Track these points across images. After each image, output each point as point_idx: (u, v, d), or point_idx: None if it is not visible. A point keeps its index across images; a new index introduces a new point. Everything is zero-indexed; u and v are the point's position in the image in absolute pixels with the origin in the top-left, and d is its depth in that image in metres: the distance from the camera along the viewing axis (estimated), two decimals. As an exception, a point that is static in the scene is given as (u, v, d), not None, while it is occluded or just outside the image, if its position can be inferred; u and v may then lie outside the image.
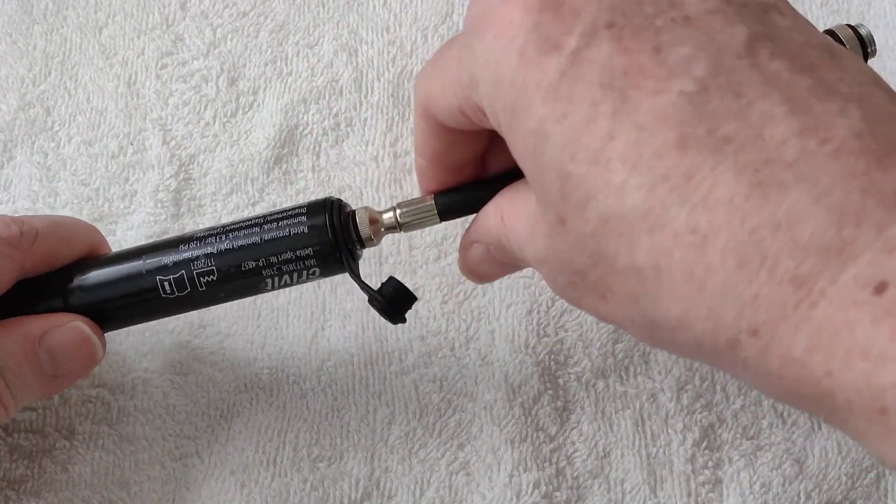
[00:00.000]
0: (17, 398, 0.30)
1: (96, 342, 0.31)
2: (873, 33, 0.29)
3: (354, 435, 0.36)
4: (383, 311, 0.30)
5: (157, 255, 0.31)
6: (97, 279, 0.31)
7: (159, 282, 0.30)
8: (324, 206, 0.30)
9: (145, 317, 0.32)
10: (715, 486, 0.34)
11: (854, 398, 0.19)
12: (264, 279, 0.30)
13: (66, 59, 0.43)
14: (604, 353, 0.36)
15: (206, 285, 0.30)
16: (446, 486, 0.35)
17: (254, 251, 0.30)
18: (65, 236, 0.32)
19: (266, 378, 0.37)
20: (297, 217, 0.30)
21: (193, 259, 0.30)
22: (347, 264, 0.30)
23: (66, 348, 0.31)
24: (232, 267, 0.30)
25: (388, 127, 0.41)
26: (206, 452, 0.35)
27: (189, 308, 0.32)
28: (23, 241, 0.30)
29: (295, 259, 0.30)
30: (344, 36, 0.42)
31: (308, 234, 0.30)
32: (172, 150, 0.41)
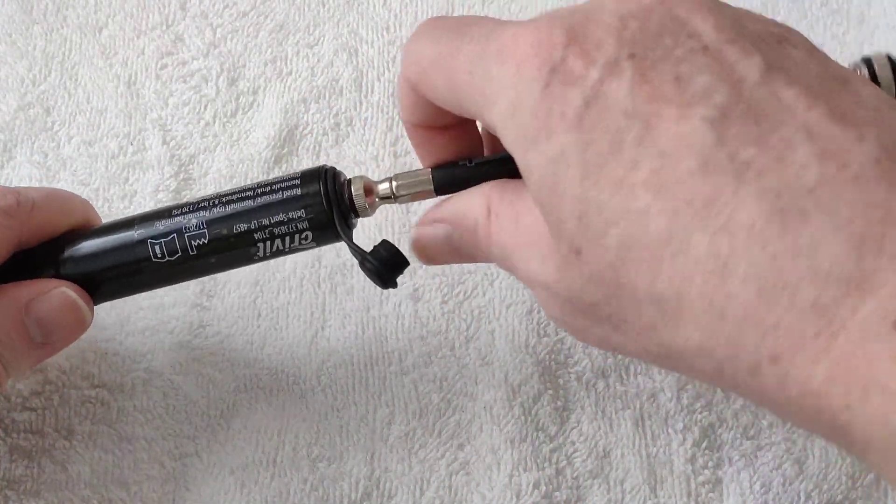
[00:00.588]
0: (8, 368, 0.30)
1: (84, 307, 0.31)
2: (873, 33, 0.29)
3: (354, 435, 0.36)
4: (375, 273, 0.30)
5: (148, 221, 0.31)
6: (88, 248, 0.31)
7: (150, 245, 0.30)
8: (318, 173, 0.30)
9: (137, 286, 0.32)
10: (715, 486, 0.34)
11: (872, 434, 0.19)
12: (255, 243, 0.30)
13: (66, 59, 0.43)
14: (604, 353, 0.36)
15: (196, 248, 0.30)
16: (446, 486, 0.35)
17: (246, 215, 0.30)
18: (61, 208, 0.32)
19: (266, 378, 0.37)
20: (291, 182, 0.30)
21: (185, 224, 0.30)
22: (340, 228, 0.30)
23: (53, 314, 0.30)
24: (224, 229, 0.30)
25: (389, 127, 0.41)
26: (206, 452, 0.35)
27: (181, 277, 0.32)
28: (20, 211, 0.30)
29: (287, 221, 0.29)
30: (344, 36, 0.42)
31: (301, 198, 0.29)
32: (172, 150, 0.41)
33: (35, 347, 0.31)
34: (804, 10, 0.42)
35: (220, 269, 0.31)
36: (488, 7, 0.43)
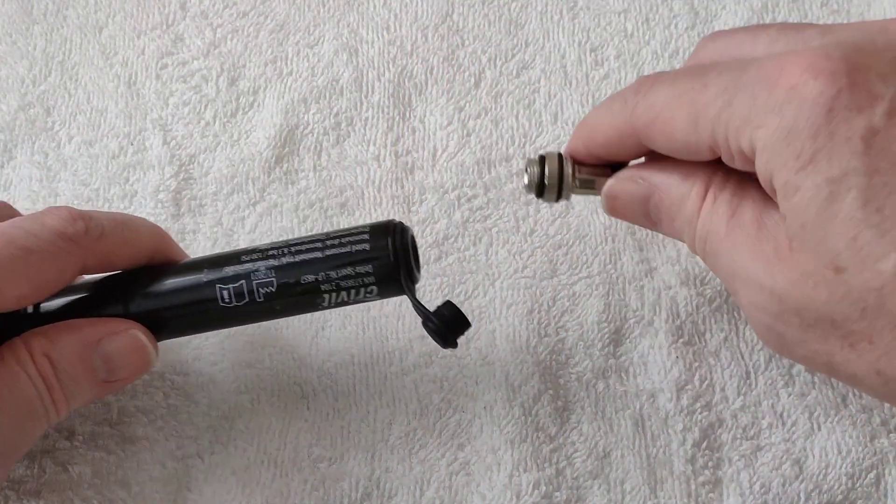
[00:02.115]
0: (70, 401, 0.30)
1: (151, 351, 0.32)
2: None
3: (355, 435, 0.36)
4: (437, 333, 0.30)
5: (217, 265, 0.31)
6: (158, 288, 0.32)
7: (219, 290, 0.31)
8: (386, 227, 0.30)
9: (201, 326, 0.33)
10: (715, 487, 0.34)
11: None
12: (322, 294, 0.30)
13: (66, 59, 0.43)
14: (605, 354, 0.36)
15: (264, 296, 0.31)
16: (446, 487, 0.35)
17: (314, 266, 0.30)
18: (129, 237, 0.32)
19: (267, 378, 0.37)
20: (360, 236, 0.30)
21: (254, 270, 0.31)
22: (406, 285, 0.30)
23: (121, 355, 0.31)
24: (291, 279, 0.30)
25: (389, 126, 0.41)
26: (207, 453, 0.35)
27: (243, 320, 0.32)
28: (87, 239, 0.30)
29: (354, 276, 0.30)
30: (344, 36, 0.42)
31: (369, 252, 0.30)
32: (173, 150, 0.41)
33: (98, 384, 0.31)
34: (804, 11, 0.42)
35: (283, 315, 0.32)
36: (488, 7, 0.43)
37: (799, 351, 0.26)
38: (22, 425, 0.29)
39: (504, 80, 0.42)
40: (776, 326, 0.26)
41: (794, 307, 0.25)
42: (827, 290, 0.24)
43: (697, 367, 0.36)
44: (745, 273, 0.26)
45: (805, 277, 0.25)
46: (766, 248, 0.26)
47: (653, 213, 0.30)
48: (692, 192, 0.28)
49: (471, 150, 0.40)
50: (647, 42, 0.42)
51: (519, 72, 0.42)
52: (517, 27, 0.42)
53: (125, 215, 0.33)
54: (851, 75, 0.24)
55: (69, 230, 0.30)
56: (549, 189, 0.32)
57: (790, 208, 0.25)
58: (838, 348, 0.25)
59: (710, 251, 0.28)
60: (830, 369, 0.26)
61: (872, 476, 0.34)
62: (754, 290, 0.26)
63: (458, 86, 0.41)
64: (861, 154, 0.24)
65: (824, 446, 0.35)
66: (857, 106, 0.24)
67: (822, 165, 0.24)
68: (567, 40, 0.42)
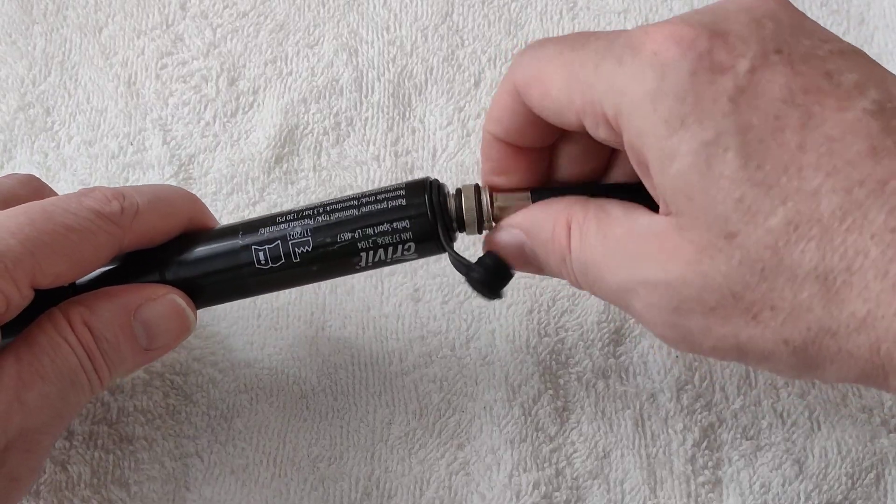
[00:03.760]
0: (111, 368, 0.30)
1: (190, 315, 0.31)
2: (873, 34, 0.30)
3: (354, 435, 0.36)
4: (483, 282, 0.29)
5: (252, 228, 0.31)
6: (193, 255, 0.31)
7: (254, 251, 0.30)
8: (423, 184, 0.30)
9: (238, 292, 0.32)
10: (715, 487, 0.34)
11: None
12: (359, 252, 0.30)
13: (66, 59, 0.43)
14: (605, 354, 0.36)
15: (300, 256, 0.30)
16: (446, 486, 0.35)
17: (351, 223, 0.30)
18: (164, 211, 0.31)
19: (266, 378, 0.37)
20: (396, 192, 0.30)
21: (289, 231, 0.30)
22: (444, 239, 0.30)
23: (161, 321, 0.31)
24: (328, 237, 0.30)
25: (389, 126, 0.41)
26: (206, 452, 0.35)
27: (282, 285, 0.32)
28: (123, 218, 0.30)
29: (391, 231, 0.30)
30: (344, 36, 0.42)
31: (405, 208, 0.30)
32: (172, 150, 0.41)
33: (139, 351, 0.31)
34: (804, 10, 0.42)
35: (321, 278, 0.31)
36: (488, 7, 0.43)
37: (706, 342, 0.25)
38: (66, 395, 0.29)
39: (504, 81, 0.42)
40: (678, 321, 0.25)
41: (694, 293, 0.24)
42: (724, 260, 0.23)
43: (697, 367, 0.36)
44: (635, 280, 0.26)
45: (699, 255, 0.24)
46: (649, 248, 0.25)
47: (532, 259, 0.29)
48: (555, 230, 0.28)
49: (471, 150, 0.40)
50: (647, 42, 0.42)
51: (519, 72, 0.42)
52: (517, 27, 0.42)
53: (157, 187, 0.32)
54: (712, 39, 0.24)
55: (106, 209, 0.30)
56: (468, 224, 0.30)
57: (670, 181, 0.24)
58: (743, 325, 0.24)
59: (593, 280, 0.27)
60: (741, 353, 0.25)
61: (872, 476, 0.34)
62: (648, 293, 0.25)
63: (457, 86, 0.41)
64: (731, 113, 0.23)
65: (824, 446, 0.35)
66: (720, 67, 0.24)
67: (695, 129, 0.24)
68: (567, 40, 0.42)
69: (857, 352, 0.23)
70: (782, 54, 0.24)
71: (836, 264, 0.22)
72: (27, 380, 0.28)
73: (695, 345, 0.25)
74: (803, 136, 0.23)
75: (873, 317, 0.22)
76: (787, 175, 0.23)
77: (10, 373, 0.28)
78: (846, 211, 0.22)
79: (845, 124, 0.23)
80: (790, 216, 0.23)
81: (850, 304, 0.22)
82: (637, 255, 0.26)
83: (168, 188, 0.33)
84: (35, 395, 0.28)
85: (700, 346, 0.25)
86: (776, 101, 0.23)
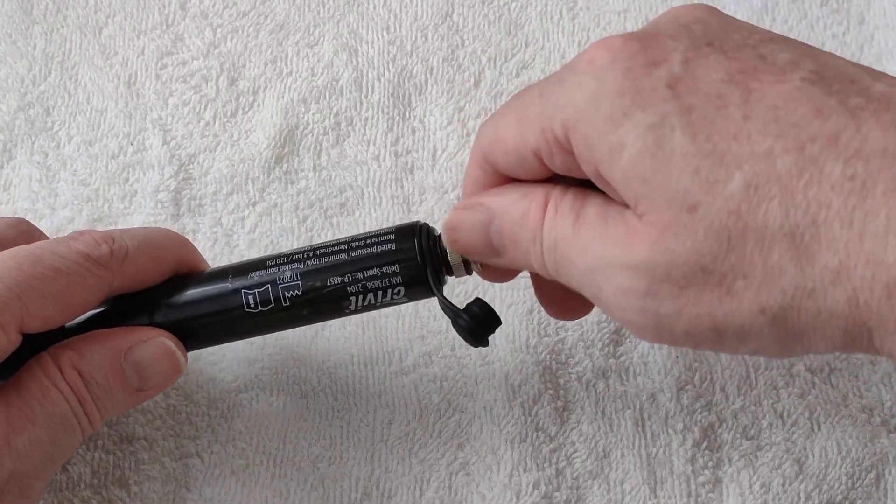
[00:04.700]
0: (102, 411, 0.30)
1: (180, 357, 0.31)
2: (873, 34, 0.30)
3: (354, 435, 0.36)
4: (468, 330, 0.30)
5: (243, 272, 0.31)
6: (183, 298, 0.32)
7: (244, 295, 0.31)
8: (412, 229, 0.30)
9: (228, 335, 0.32)
10: (715, 487, 0.34)
11: None
12: (349, 296, 0.30)
13: (66, 59, 0.43)
14: (605, 353, 0.36)
15: (290, 300, 0.30)
16: (446, 486, 0.35)
17: (340, 268, 0.30)
18: (154, 254, 0.32)
19: (266, 378, 0.37)
20: (386, 237, 0.30)
21: (279, 274, 0.31)
22: (434, 284, 0.30)
23: (152, 363, 0.31)
24: (317, 281, 0.30)
25: (389, 126, 0.41)
26: (207, 452, 0.35)
27: (271, 328, 0.32)
28: (113, 262, 0.30)
29: (381, 276, 0.30)
30: (344, 36, 0.42)
31: (395, 252, 0.30)
32: (172, 150, 0.41)
33: (130, 392, 0.31)
34: (804, 10, 0.42)
35: (311, 321, 0.32)
36: (488, 7, 0.43)
37: (679, 326, 0.25)
38: (56, 439, 0.29)
39: (504, 80, 0.42)
40: (649, 305, 0.25)
41: (662, 272, 0.24)
42: (689, 234, 0.23)
43: (697, 367, 0.36)
44: (602, 263, 0.25)
45: (664, 234, 0.24)
46: (617, 231, 0.25)
47: (495, 240, 0.29)
48: (531, 207, 0.28)
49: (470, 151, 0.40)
50: (647, 42, 0.42)
51: (519, 72, 0.42)
52: (517, 27, 0.42)
53: (147, 230, 0.33)
54: (643, 41, 0.25)
55: (95, 253, 0.30)
56: (455, 267, 0.30)
57: (622, 171, 0.24)
58: (717, 301, 0.24)
59: (560, 258, 0.27)
60: (718, 335, 0.24)
61: (872, 476, 0.34)
62: (616, 275, 0.25)
63: (458, 86, 0.41)
64: (671, 98, 0.24)
65: (824, 446, 0.35)
66: (654, 62, 0.24)
67: (638, 117, 0.24)
68: (567, 40, 0.42)
69: (837, 308, 0.22)
70: (713, 46, 0.25)
71: (801, 220, 0.22)
72: (16, 425, 0.28)
73: (667, 330, 0.25)
74: (747, 108, 0.23)
75: (846, 267, 0.22)
76: (738, 142, 0.23)
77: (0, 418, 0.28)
78: (802, 167, 0.22)
79: (786, 94, 0.23)
80: (748, 179, 0.23)
81: (821, 258, 0.22)
82: (606, 237, 0.25)
83: (158, 231, 0.33)
84: (24, 440, 0.28)
85: (673, 331, 0.25)
86: (715, 82, 0.24)
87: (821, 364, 0.36)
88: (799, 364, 0.36)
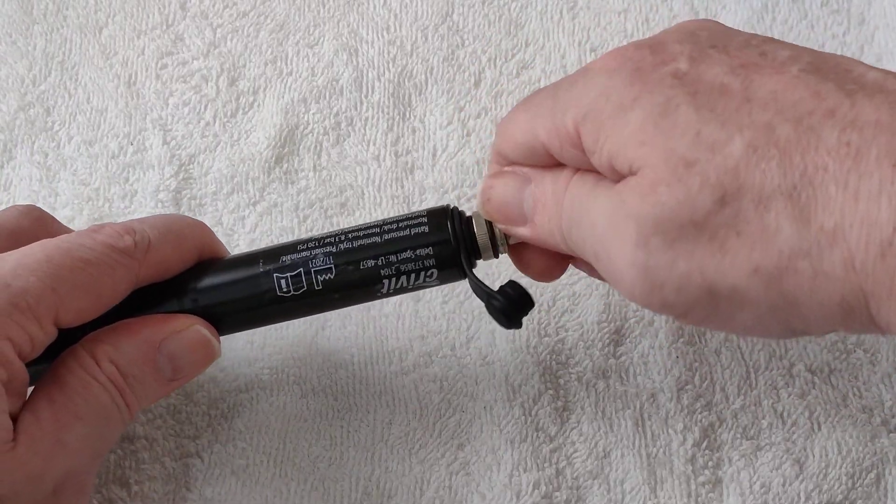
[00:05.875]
0: (139, 401, 0.30)
1: (215, 344, 0.31)
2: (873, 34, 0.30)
3: (354, 435, 0.36)
4: (502, 311, 0.30)
5: (273, 255, 0.31)
6: (213, 282, 0.31)
7: (276, 279, 0.30)
8: (445, 211, 0.31)
9: (259, 319, 0.32)
10: (715, 487, 0.34)
11: None
12: (381, 279, 0.30)
13: (66, 59, 0.43)
14: (605, 354, 0.36)
15: (322, 284, 0.30)
16: (446, 486, 0.35)
17: (373, 250, 0.30)
18: (176, 242, 0.31)
19: (266, 378, 0.37)
20: (418, 219, 0.30)
21: (311, 258, 0.30)
22: (467, 265, 0.30)
23: (186, 353, 0.31)
24: (350, 264, 0.30)
25: (389, 126, 0.41)
26: (207, 452, 0.35)
27: (303, 312, 0.32)
28: (137, 252, 0.30)
29: (414, 258, 0.30)
30: (344, 35, 0.42)
31: (428, 234, 0.30)
32: (172, 149, 0.41)
33: (163, 382, 0.31)
34: (804, 10, 0.42)
35: (342, 305, 0.32)
36: (488, 7, 0.43)
37: (670, 282, 0.25)
38: (102, 432, 0.29)
39: (504, 80, 0.42)
40: (639, 258, 0.25)
41: (651, 224, 0.25)
42: (682, 186, 0.24)
43: (698, 367, 0.36)
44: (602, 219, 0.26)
45: (655, 186, 0.24)
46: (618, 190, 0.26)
47: (527, 204, 0.30)
48: (562, 174, 0.29)
49: (471, 150, 0.40)
50: (647, 42, 0.42)
51: (519, 72, 0.42)
52: (517, 27, 0.42)
53: (166, 218, 0.32)
54: (652, 46, 0.27)
55: (119, 244, 0.30)
56: (483, 250, 0.31)
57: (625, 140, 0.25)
58: (709, 256, 0.24)
59: (575, 216, 0.28)
60: (711, 294, 0.25)
61: (872, 476, 0.34)
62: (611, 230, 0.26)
63: (458, 86, 0.41)
64: (677, 85, 0.25)
65: (824, 446, 0.35)
66: (662, 62, 0.26)
67: (646, 99, 0.25)
68: (567, 40, 0.42)
69: (833, 271, 0.23)
70: (717, 48, 0.26)
71: (798, 181, 0.23)
72: (64, 422, 0.28)
73: (657, 286, 0.25)
74: (748, 93, 0.25)
75: (842, 228, 0.23)
76: (739, 113, 0.24)
77: (46, 416, 0.28)
78: (800, 134, 0.23)
79: (785, 82, 0.25)
80: (748, 140, 0.24)
81: (817, 218, 0.23)
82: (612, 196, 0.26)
83: (176, 217, 0.33)
84: (74, 436, 0.28)
85: (663, 287, 0.25)
86: (718, 74, 0.25)
87: (821, 364, 0.36)
88: (799, 364, 0.36)
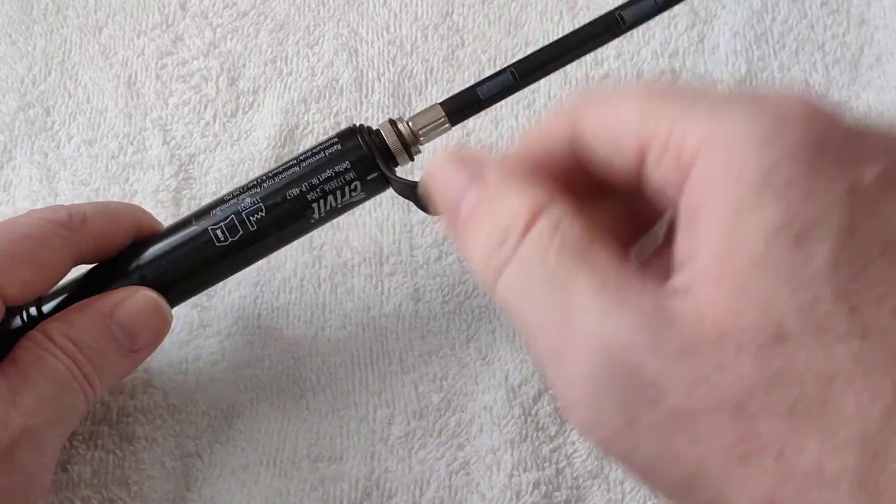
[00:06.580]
0: (101, 376, 0.31)
1: (166, 307, 0.32)
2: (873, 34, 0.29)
3: (354, 435, 0.36)
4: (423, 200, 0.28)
5: (204, 213, 0.32)
6: (154, 254, 0.32)
7: (211, 232, 0.32)
8: (352, 129, 0.32)
9: (205, 277, 0.33)
10: (715, 486, 0.34)
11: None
12: (310, 203, 0.31)
13: (66, 59, 0.43)
14: (604, 353, 0.36)
15: (256, 223, 0.31)
16: (446, 486, 0.35)
17: (296, 181, 0.31)
18: (112, 217, 0.33)
19: (266, 378, 0.37)
20: (330, 142, 0.32)
21: (240, 203, 0.32)
22: (385, 168, 0.31)
23: (138, 318, 0.31)
24: (278, 198, 0.31)
25: (389, 127, 0.41)
26: (207, 452, 0.35)
27: (248, 258, 0.33)
28: (73, 223, 0.31)
29: (335, 176, 0.31)
30: (344, 35, 0.42)
31: (343, 152, 0.32)
32: (172, 149, 0.41)
33: (124, 354, 0.31)
34: (804, 10, 0.42)
35: (282, 243, 0.33)
36: (488, 7, 0.43)
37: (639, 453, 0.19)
38: (61, 398, 0.30)
39: (504, 80, 0.42)
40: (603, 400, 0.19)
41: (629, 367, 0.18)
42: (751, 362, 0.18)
43: (697, 367, 0.36)
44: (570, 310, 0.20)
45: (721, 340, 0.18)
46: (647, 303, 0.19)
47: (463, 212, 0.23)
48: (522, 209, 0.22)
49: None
50: (647, 42, 0.42)
51: (519, 72, 0.42)
52: (517, 27, 0.42)
53: (102, 201, 0.34)
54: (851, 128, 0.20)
55: (54, 217, 0.31)
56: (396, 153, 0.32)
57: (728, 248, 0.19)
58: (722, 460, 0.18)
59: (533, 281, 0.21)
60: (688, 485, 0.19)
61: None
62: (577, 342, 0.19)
63: (458, 86, 0.41)
64: (844, 205, 0.19)
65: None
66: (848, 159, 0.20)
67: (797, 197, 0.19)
68: (567, 40, 0.42)
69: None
70: None
71: None
72: (18, 389, 0.29)
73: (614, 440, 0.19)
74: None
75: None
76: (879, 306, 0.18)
77: (0, 385, 0.29)
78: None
79: None
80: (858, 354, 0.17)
81: None
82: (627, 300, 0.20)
83: (113, 201, 0.35)
84: (29, 399, 0.29)
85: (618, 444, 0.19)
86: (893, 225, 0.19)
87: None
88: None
